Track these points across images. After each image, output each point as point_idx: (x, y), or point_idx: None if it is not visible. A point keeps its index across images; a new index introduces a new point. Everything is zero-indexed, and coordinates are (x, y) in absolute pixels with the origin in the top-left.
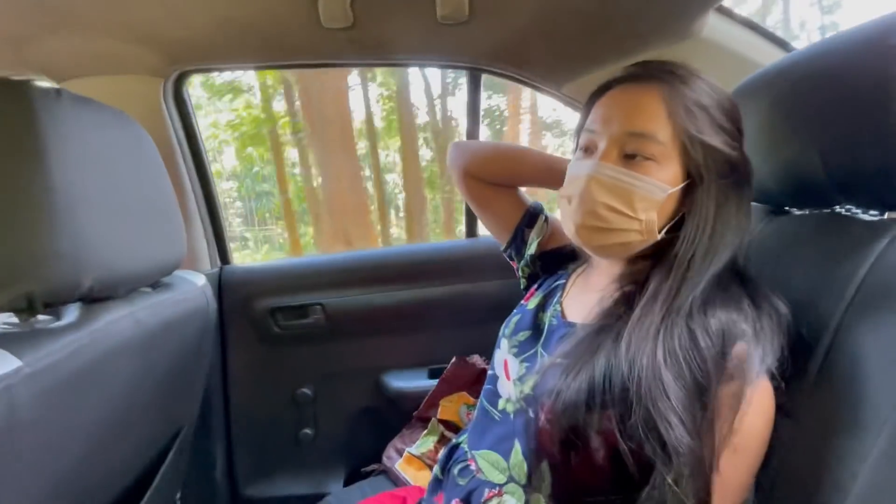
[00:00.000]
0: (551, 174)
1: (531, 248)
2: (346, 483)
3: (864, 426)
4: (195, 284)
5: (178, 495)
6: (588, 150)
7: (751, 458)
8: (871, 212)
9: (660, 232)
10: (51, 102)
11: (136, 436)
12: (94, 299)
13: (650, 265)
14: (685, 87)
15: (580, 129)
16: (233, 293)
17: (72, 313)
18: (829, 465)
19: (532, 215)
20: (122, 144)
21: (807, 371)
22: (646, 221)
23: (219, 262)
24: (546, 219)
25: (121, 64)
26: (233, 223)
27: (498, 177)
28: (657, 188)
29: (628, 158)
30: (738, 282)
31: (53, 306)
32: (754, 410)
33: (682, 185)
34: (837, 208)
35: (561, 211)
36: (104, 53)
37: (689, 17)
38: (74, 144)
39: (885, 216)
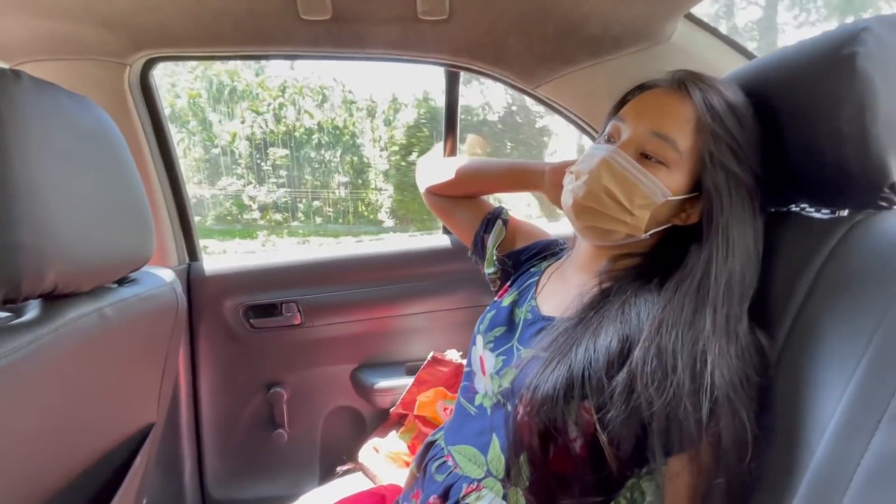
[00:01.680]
0: (515, 178)
1: (490, 253)
2: (322, 483)
3: (821, 406)
4: (163, 280)
5: (145, 500)
6: (611, 138)
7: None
8: (824, 210)
9: (645, 232)
10: (9, 84)
11: (104, 434)
12: (57, 295)
13: (636, 262)
14: (721, 111)
15: (610, 118)
16: (202, 291)
17: (34, 309)
18: (788, 450)
19: (489, 221)
20: (87, 132)
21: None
22: (637, 218)
23: (186, 259)
24: (505, 222)
25: (80, 47)
26: None
27: (461, 193)
28: (659, 191)
29: (643, 157)
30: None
31: (14, 302)
32: None
33: (683, 196)
34: (794, 207)
35: (565, 184)
36: (62, 36)
37: (659, 22)
38: (36, 130)
39: (837, 214)
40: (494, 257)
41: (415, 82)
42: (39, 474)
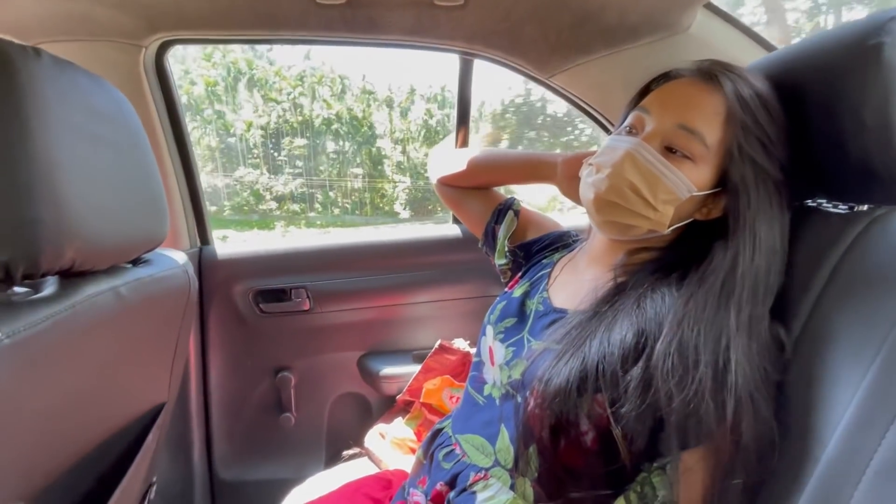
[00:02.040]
0: (527, 169)
1: (501, 244)
2: (327, 467)
3: (834, 401)
4: (176, 262)
5: (155, 479)
6: (633, 129)
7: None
8: (841, 206)
9: (668, 227)
10: (30, 61)
11: (116, 413)
12: (74, 273)
13: (652, 256)
14: (751, 103)
15: (631, 108)
16: (212, 275)
17: (51, 286)
18: (800, 444)
19: (501, 212)
20: (105, 112)
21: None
22: (661, 213)
23: (198, 243)
24: (516, 213)
25: (96, 28)
26: None
27: (472, 184)
28: (685, 186)
29: (667, 151)
30: None
31: (32, 278)
32: None
33: (708, 191)
34: (810, 202)
35: (584, 177)
36: (78, 16)
37: (678, 11)
38: (55, 107)
39: (855, 209)
40: (506, 248)
41: (434, 74)
42: (53, 449)
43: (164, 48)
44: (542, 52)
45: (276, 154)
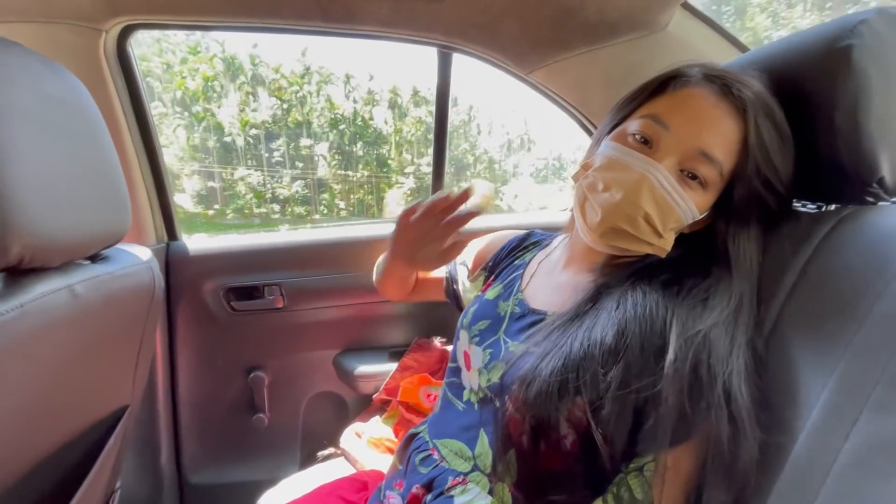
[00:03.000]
0: (393, 274)
1: (468, 292)
2: (302, 468)
3: (804, 395)
4: (139, 259)
5: (119, 484)
6: (647, 141)
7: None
8: (809, 204)
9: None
10: None
11: (74, 415)
12: (23, 270)
13: (634, 262)
14: (770, 126)
15: (636, 108)
16: (181, 271)
17: None
18: (771, 439)
19: (450, 279)
20: (58, 97)
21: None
22: (665, 240)
23: (165, 238)
24: (466, 264)
25: (51, 10)
26: None
27: (405, 295)
28: (691, 213)
29: (680, 173)
30: None
31: None
32: None
33: (705, 213)
34: None
35: (588, 192)
36: None
37: (656, 10)
38: (0, 92)
39: (823, 209)
40: (473, 288)
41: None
42: (3, 456)
43: (126, 33)
44: (522, 48)
45: (274, 154)
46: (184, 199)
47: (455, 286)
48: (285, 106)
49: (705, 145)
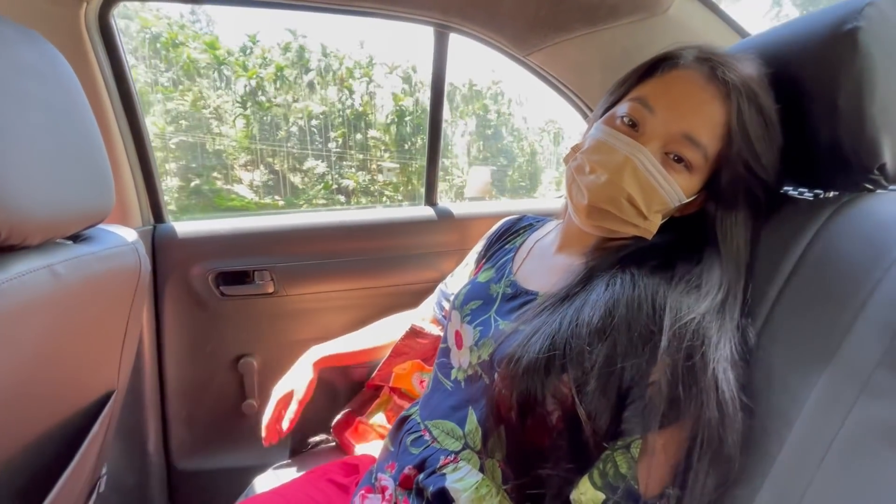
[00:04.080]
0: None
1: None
2: (293, 454)
3: (800, 381)
4: (124, 240)
5: (104, 470)
6: (633, 123)
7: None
8: (807, 192)
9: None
10: None
11: (57, 399)
12: (0, 247)
13: (623, 245)
14: (754, 113)
15: (627, 91)
16: (168, 254)
17: None
18: (765, 424)
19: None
20: (34, 67)
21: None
22: (650, 222)
23: (151, 220)
24: (446, 295)
25: None
26: None
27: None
28: (677, 196)
29: (665, 156)
30: None
31: None
32: None
33: (693, 196)
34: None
35: (576, 174)
36: None
37: None
38: None
39: (821, 196)
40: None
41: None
42: None
43: (108, 4)
44: (520, 29)
45: (332, 145)
46: (242, 190)
47: (444, 307)
48: (351, 96)
49: (690, 129)
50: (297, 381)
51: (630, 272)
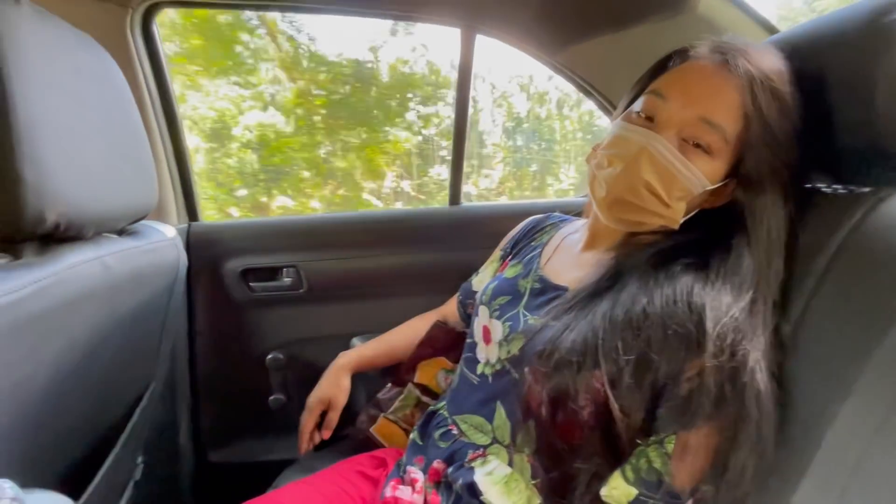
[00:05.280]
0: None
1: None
2: (318, 448)
3: (833, 381)
4: (165, 235)
5: (140, 458)
6: (648, 116)
7: None
8: (840, 189)
9: (679, 223)
10: (9, 10)
11: (101, 389)
12: (58, 238)
13: (652, 239)
14: (769, 97)
15: (644, 87)
16: (201, 252)
17: (32, 252)
18: (798, 423)
19: (464, 306)
20: (90, 70)
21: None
22: (674, 210)
23: (187, 218)
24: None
25: None
26: None
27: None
28: (699, 182)
29: (683, 142)
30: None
31: (13, 242)
32: None
33: (720, 182)
34: (808, 185)
35: (596, 171)
36: None
37: None
38: (37, 61)
39: (855, 192)
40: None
41: None
42: (36, 423)
43: (151, 10)
44: (547, 30)
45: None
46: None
47: (468, 305)
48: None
49: (705, 112)
50: (332, 389)
51: (663, 268)
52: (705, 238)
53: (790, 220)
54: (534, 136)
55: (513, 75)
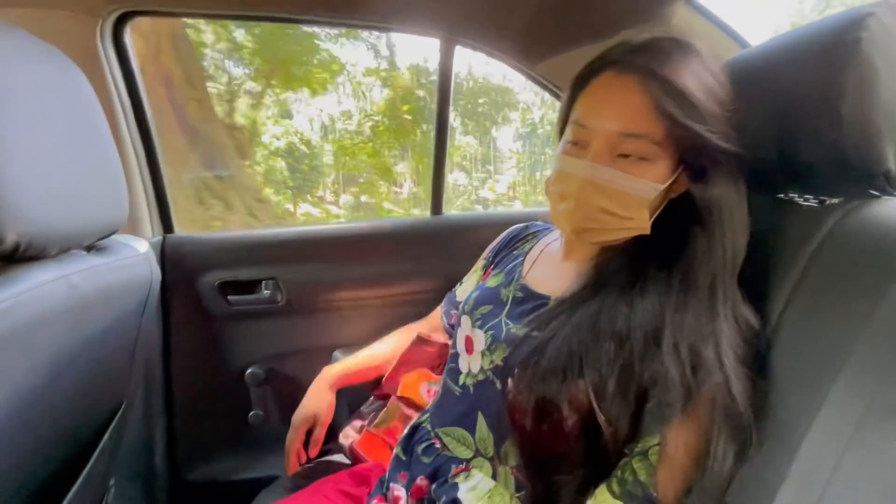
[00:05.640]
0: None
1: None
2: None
3: (809, 389)
4: (136, 251)
5: (113, 481)
6: (579, 144)
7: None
8: (811, 199)
9: (650, 225)
10: None
11: (69, 412)
12: (18, 259)
13: (630, 243)
14: (669, 71)
15: (565, 118)
16: (177, 265)
17: None
18: (776, 429)
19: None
20: (56, 83)
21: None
22: (638, 219)
23: (161, 231)
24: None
25: None
26: None
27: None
28: (650, 188)
29: (620, 157)
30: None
31: None
32: None
33: (672, 178)
34: (781, 195)
35: (553, 205)
36: None
37: (662, 3)
38: None
39: (826, 202)
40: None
41: None
42: None
43: (122, 20)
44: (526, 41)
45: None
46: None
47: (452, 315)
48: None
49: (622, 127)
50: (317, 405)
51: (641, 273)
52: (673, 232)
53: (745, 198)
54: (548, 141)
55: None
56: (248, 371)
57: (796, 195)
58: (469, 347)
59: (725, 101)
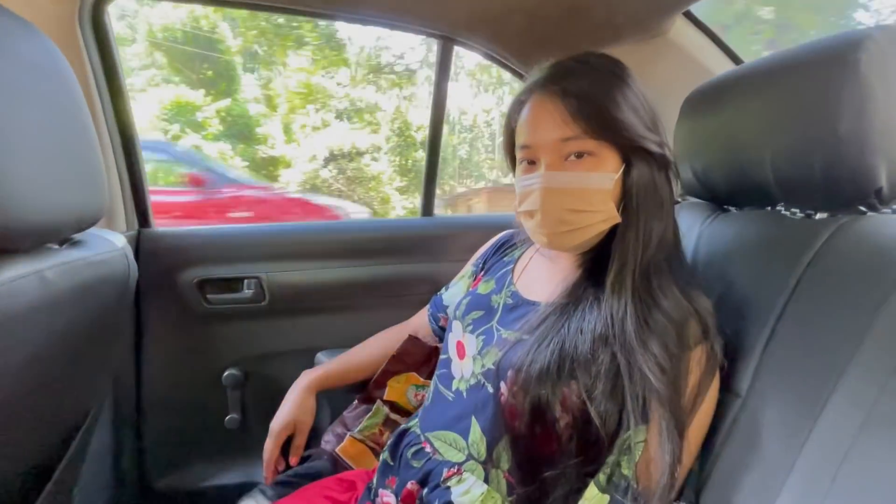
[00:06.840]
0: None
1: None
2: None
3: (806, 401)
4: (114, 245)
5: (76, 491)
6: (532, 162)
7: (704, 421)
8: (797, 212)
9: (618, 213)
10: None
11: (40, 415)
12: None
13: (608, 241)
14: (581, 80)
15: (511, 152)
16: (152, 260)
17: None
18: (771, 441)
19: (435, 319)
20: (35, 62)
21: (752, 354)
22: (606, 210)
23: (136, 224)
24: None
25: None
26: None
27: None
28: (605, 178)
29: (572, 159)
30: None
31: None
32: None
33: (622, 168)
34: (774, 208)
35: (527, 227)
36: None
37: (661, 15)
38: None
39: (817, 216)
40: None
41: None
42: None
43: (101, 3)
44: (526, 45)
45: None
46: None
47: (440, 318)
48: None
49: (559, 134)
50: (296, 411)
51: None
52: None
53: (664, 189)
54: None
55: None
56: (226, 373)
57: (788, 209)
58: (461, 352)
59: (635, 102)
